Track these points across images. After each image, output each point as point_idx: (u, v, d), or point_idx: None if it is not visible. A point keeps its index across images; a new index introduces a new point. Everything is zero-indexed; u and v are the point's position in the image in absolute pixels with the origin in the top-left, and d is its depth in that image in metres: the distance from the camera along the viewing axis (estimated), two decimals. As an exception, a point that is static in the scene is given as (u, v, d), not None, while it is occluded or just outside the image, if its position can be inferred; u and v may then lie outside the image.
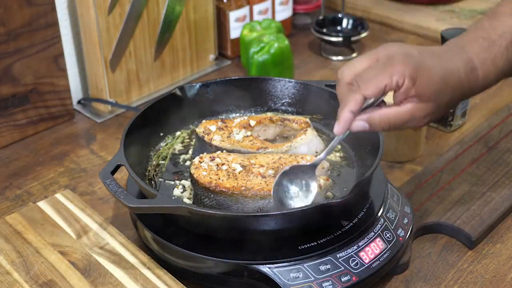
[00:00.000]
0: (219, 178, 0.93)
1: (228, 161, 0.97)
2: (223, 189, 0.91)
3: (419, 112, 0.82)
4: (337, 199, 0.87)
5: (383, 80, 0.80)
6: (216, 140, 1.03)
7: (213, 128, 1.06)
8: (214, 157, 0.97)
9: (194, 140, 1.10)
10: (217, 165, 0.95)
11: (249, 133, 1.06)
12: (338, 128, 0.82)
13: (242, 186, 0.91)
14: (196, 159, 0.97)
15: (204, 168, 0.95)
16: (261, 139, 1.07)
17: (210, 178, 0.93)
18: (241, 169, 0.95)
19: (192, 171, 0.95)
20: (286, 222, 0.88)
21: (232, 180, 0.92)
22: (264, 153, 1.01)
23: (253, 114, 1.17)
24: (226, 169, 0.95)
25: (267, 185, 0.91)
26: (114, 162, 0.94)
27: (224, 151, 1.01)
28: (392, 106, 0.83)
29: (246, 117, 1.09)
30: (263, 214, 0.89)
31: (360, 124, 0.82)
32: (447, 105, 0.85)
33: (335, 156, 1.07)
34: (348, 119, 0.82)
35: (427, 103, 0.82)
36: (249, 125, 1.07)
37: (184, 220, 0.91)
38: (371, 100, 0.83)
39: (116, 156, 0.95)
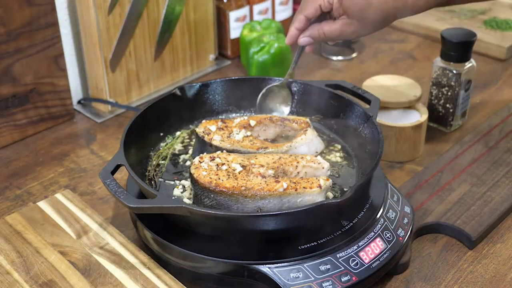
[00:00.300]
0: (219, 178, 0.93)
1: (228, 161, 0.96)
2: (223, 189, 0.91)
3: (347, 27, 1.02)
4: (337, 199, 0.87)
5: (318, 1, 1.03)
6: (216, 140, 1.03)
7: (213, 128, 1.05)
8: (214, 157, 0.97)
9: (194, 140, 1.10)
10: (217, 165, 0.95)
11: (249, 133, 1.06)
12: (286, 40, 1.09)
13: (242, 186, 0.91)
14: (196, 159, 0.97)
15: (204, 168, 0.95)
16: (261, 139, 1.07)
17: (210, 178, 0.93)
18: (241, 169, 0.95)
19: (192, 171, 0.95)
20: (286, 222, 0.88)
21: (232, 180, 0.92)
22: (264, 153, 1.01)
23: (253, 114, 1.17)
24: (226, 169, 0.94)
25: (267, 185, 0.91)
26: (114, 162, 0.94)
27: (224, 151, 1.01)
28: (328, 21, 1.04)
29: (246, 117, 1.09)
30: (263, 214, 0.89)
31: (305, 39, 1.07)
32: (372, 23, 1.01)
33: (335, 156, 1.07)
34: (292, 34, 1.07)
35: (352, 20, 1.01)
36: (249, 125, 1.07)
37: (184, 220, 0.91)
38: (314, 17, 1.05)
39: (116, 156, 0.95)
